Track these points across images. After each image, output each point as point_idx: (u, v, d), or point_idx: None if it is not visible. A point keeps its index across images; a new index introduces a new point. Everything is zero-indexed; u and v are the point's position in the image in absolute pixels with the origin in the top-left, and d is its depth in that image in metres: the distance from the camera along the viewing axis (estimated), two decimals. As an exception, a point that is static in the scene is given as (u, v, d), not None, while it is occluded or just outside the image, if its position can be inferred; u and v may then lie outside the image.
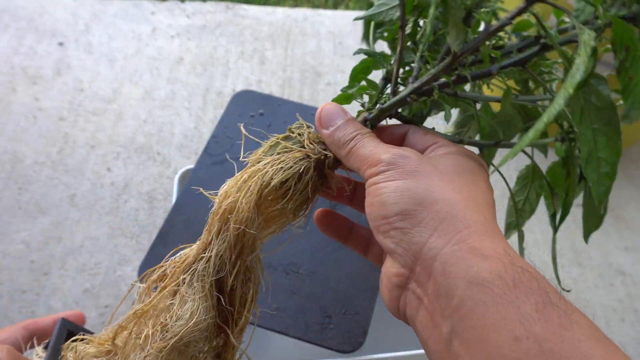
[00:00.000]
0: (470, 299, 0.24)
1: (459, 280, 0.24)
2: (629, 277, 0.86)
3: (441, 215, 0.27)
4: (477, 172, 0.31)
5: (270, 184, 0.32)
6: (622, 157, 1.03)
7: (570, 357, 0.21)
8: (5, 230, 0.83)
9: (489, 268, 0.24)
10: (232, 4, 1.24)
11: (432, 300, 0.26)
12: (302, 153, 0.33)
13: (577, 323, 0.23)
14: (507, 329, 0.22)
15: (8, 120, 0.97)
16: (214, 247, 0.32)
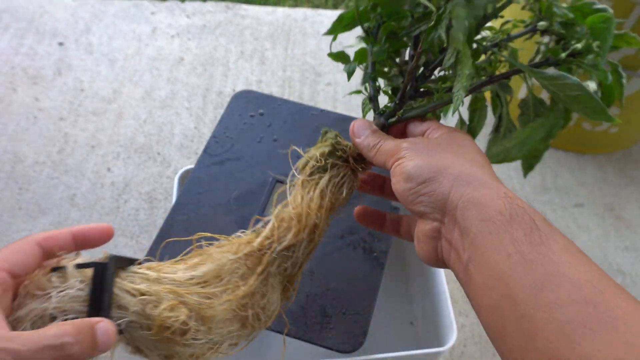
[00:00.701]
0: (480, 232, 0.32)
1: (473, 220, 0.33)
2: (629, 277, 0.86)
3: (454, 176, 0.35)
4: (468, 142, 0.40)
5: (340, 199, 0.41)
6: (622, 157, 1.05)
7: (544, 264, 0.29)
8: (6, 230, 0.83)
9: (493, 207, 0.33)
10: (232, 4, 1.24)
11: (457, 240, 0.34)
12: (348, 168, 0.42)
13: (555, 240, 0.31)
14: (503, 249, 0.31)
15: (8, 120, 0.97)
16: (300, 248, 0.39)
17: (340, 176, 0.41)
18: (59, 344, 0.28)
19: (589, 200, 0.95)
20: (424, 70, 0.43)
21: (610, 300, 0.27)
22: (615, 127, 0.95)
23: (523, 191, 0.95)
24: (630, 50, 0.81)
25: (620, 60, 0.83)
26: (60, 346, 0.28)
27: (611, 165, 1.01)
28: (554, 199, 0.95)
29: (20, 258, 0.32)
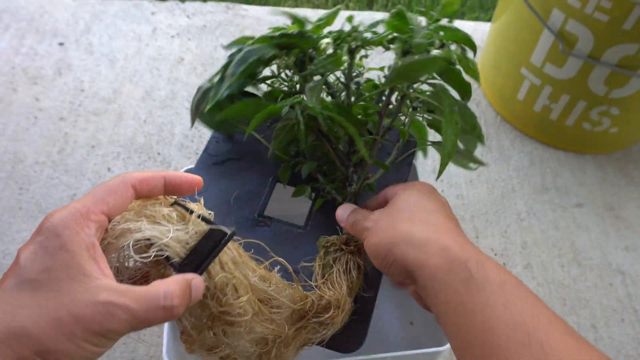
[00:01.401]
0: (432, 289, 0.37)
1: (425, 280, 0.38)
2: (628, 277, 0.86)
3: (405, 244, 0.40)
4: (421, 198, 0.46)
5: (354, 280, 0.47)
6: (622, 157, 1.05)
7: (483, 311, 0.33)
8: (6, 230, 0.83)
9: (434, 265, 0.38)
10: (233, 4, 1.24)
11: (425, 298, 0.40)
12: (346, 252, 0.49)
13: (490, 283, 0.35)
14: (451, 303, 0.36)
15: (8, 121, 0.97)
16: (328, 327, 0.45)
17: (344, 264, 0.47)
18: (169, 306, 0.30)
19: (589, 200, 0.95)
20: (349, 151, 0.55)
21: (542, 338, 0.31)
22: (616, 127, 0.95)
23: (523, 191, 0.95)
24: (630, 50, 0.81)
25: (620, 60, 0.83)
26: (170, 308, 0.30)
27: (611, 165, 1.01)
28: (554, 199, 0.95)
29: (116, 200, 0.33)
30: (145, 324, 0.30)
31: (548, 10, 0.85)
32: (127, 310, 0.29)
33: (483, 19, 1.36)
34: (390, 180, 0.60)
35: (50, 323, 0.28)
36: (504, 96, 1.04)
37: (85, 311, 0.28)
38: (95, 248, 0.30)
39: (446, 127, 0.48)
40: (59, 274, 0.29)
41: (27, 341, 0.27)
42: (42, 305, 0.28)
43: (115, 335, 0.29)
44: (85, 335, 0.28)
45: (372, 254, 0.42)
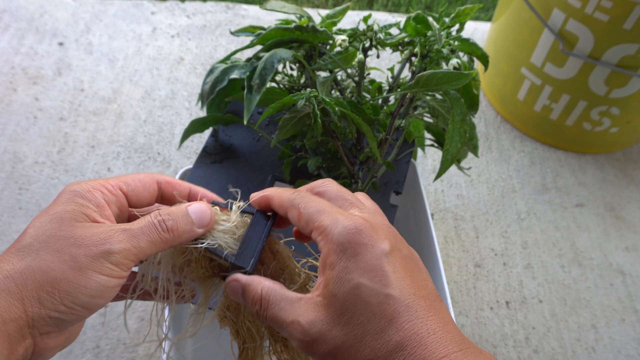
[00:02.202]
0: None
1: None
2: (629, 277, 0.85)
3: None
4: (381, 281, 0.29)
5: None
6: (622, 157, 1.05)
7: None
8: (6, 230, 0.83)
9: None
10: (232, 4, 1.24)
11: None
12: None
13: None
14: None
15: (8, 120, 0.97)
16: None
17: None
18: (160, 220, 0.31)
19: (589, 200, 0.95)
20: (356, 148, 0.55)
21: None
22: (616, 127, 0.95)
23: (523, 191, 0.95)
24: (630, 50, 0.81)
25: (620, 60, 0.83)
26: (161, 222, 0.31)
27: (611, 165, 1.01)
28: (554, 199, 0.95)
29: (137, 186, 0.34)
30: (149, 245, 0.30)
31: (548, 10, 0.85)
32: (122, 231, 0.30)
33: (483, 19, 1.35)
34: (391, 177, 0.60)
35: (52, 255, 0.28)
36: (504, 96, 1.04)
37: (84, 240, 0.29)
38: (105, 209, 0.32)
39: (453, 133, 0.48)
40: (63, 216, 0.30)
41: (29, 274, 0.28)
42: (43, 242, 0.29)
43: (117, 258, 0.29)
44: (86, 260, 0.28)
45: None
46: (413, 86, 0.47)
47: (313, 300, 0.29)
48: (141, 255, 0.30)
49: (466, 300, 0.81)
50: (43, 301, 0.28)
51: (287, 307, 0.30)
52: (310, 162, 0.55)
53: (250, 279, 0.32)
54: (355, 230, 0.29)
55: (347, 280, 0.28)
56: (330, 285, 0.29)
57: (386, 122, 0.56)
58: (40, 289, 0.28)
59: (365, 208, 0.32)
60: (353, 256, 0.29)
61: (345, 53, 0.52)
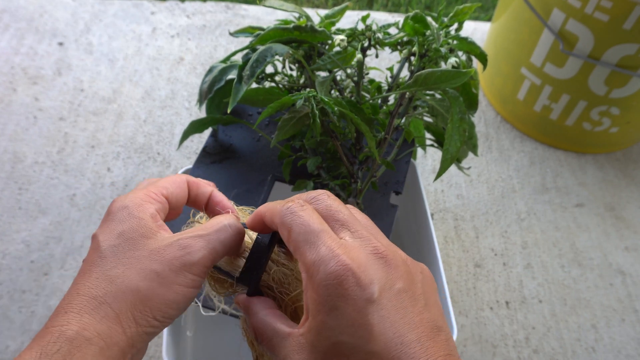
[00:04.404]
0: None
1: None
2: (629, 277, 0.85)
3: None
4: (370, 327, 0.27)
5: None
6: (622, 157, 1.06)
7: None
8: (6, 230, 0.83)
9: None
10: (232, 4, 1.24)
11: None
12: None
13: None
14: None
15: (8, 120, 0.97)
16: None
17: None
18: (231, 223, 0.33)
19: (589, 200, 0.95)
20: (355, 148, 0.55)
21: None
22: (616, 127, 0.95)
23: (523, 191, 0.95)
24: (630, 50, 0.81)
25: (620, 60, 0.83)
26: (233, 225, 0.32)
27: (611, 165, 1.01)
28: (554, 199, 0.95)
29: (174, 188, 0.35)
30: (222, 248, 0.32)
31: (548, 10, 0.85)
32: (198, 238, 0.31)
33: (483, 19, 1.35)
34: (391, 176, 0.60)
35: (137, 274, 0.30)
36: (504, 96, 1.04)
37: (163, 254, 0.30)
38: (158, 218, 0.33)
39: (452, 132, 0.48)
40: (131, 235, 0.31)
41: (121, 296, 0.29)
42: (124, 264, 0.30)
43: (198, 267, 0.30)
44: (171, 275, 0.30)
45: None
46: (411, 85, 0.47)
47: (298, 340, 0.28)
48: (217, 259, 0.32)
49: (466, 300, 0.81)
50: (138, 320, 0.29)
51: (279, 343, 0.30)
52: (310, 162, 0.55)
53: (248, 305, 0.33)
54: (337, 280, 0.26)
55: (326, 336, 0.27)
56: (312, 334, 0.27)
57: (385, 121, 0.56)
58: (134, 309, 0.29)
59: (358, 231, 0.30)
60: (332, 310, 0.26)
61: (344, 53, 0.52)
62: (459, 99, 0.48)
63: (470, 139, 0.54)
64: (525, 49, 0.93)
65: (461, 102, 0.48)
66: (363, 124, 0.48)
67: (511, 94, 1.01)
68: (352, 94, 0.57)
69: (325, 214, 0.30)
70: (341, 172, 0.56)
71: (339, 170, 0.56)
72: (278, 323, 0.30)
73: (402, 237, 0.78)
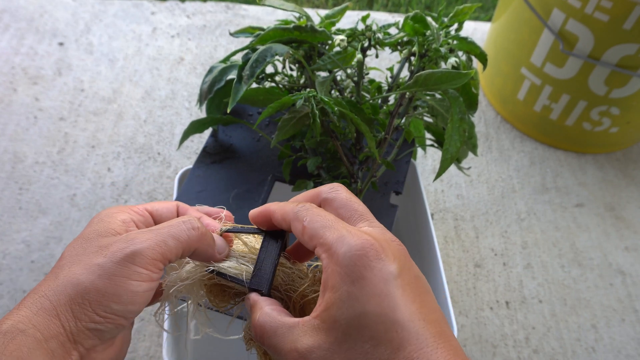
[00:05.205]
0: None
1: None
2: (629, 277, 0.85)
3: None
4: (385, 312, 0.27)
5: None
6: (622, 157, 1.06)
7: None
8: (6, 230, 0.83)
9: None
10: (232, 4, 1.24)
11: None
12: None
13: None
14: None
15: (8, 121, 0.97)
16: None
17: None
18: (188, 220, 0.32)
19: (589, 200, 0.95)
20: (355, 148, 0.55)
21: None
22: (616, 127, 0.95)
23: (523, 191, 0.95)
24: (630, 50, 0.81)
25: (620, 60, 0.83)
26: (189, 222, 0.32)
27: (611, 165, 1.01)
28: (554, 199, 0.95)
29: (162, 209, 0.35)
30: (175, 242, 0.30)
31: (548, 10, 0.85)
32: (147, 232, 0.30)
33: (483, 19, 1.36)
34: (391, 177, 0.60)
35: (81, 268, 0.29)
36: (504, 96, 1.04)
37: (109, 248, 0.29)
38: (129, 224, 0.32)
39: (452, 132, 0.48)
40: (91, 236, 0.31)
41: (61, 289, 0.28)
42: (74, 261, 0.30)
43: (144, 259, 0.29)
44: (112, 267, 0.29)
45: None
46: (412, 85, 0.47)
47: (311, 323, 0.27)
48: (169, 255, 0.30)
49: (466, 300, 0.81)
50: (76, 314, 0.28)
51: (284, 334, 0.28)
52: (310, 162, 0.55)
53: (255, 302, 0.31)
54: (362, 251, 0.27)
55: (351, 305, 0.26)
56: (333, 309, 0.27)
57: (385, 121, 0.56)
58: (72, 302, 0.28)
59: (376, 222, 0.31)
60: (358, 280, 0.26)
61: (344, 53, 0.52)
62: (459, 99, 0.48)
63: (470, 139, 0.54)
64: (525, 49, 0.93)
65: (461, 102, 0.48)
66: (363, 124, 0.48)
67: (511, 94, 1.01)
68: (352, 94, 0.57)
69: (345, 203, 0.31)
70: (341, 172, 0.56)
71: (339, 170, 0.56)
72: (284, 316, 0.30)
73: (402, 237, 0.78)
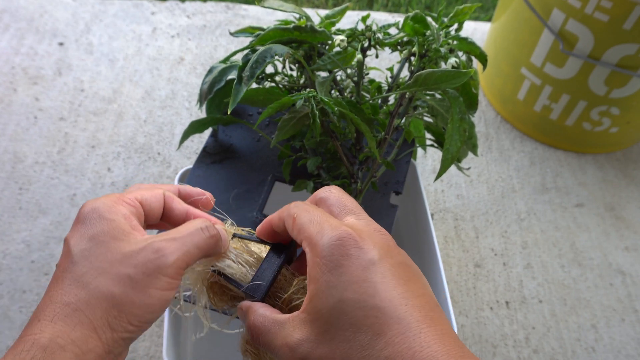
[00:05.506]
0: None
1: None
2: (629, 277, 0.85)
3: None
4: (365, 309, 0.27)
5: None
6: (622, 157, 1.06)
7: None
8: (6, 230, 0.83)
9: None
10: (232, 4, 1.24)
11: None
12: None
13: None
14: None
15: (9, 121, 0.97)
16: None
17: None
18: (208, 226, 0.33)
19: (589, 200, 0.95)
20: (355, 148, 0.55)
21: None
22: (616, 127, 0.95)
23: (523, 191, 0.95)
24: (630, 50, 0.81)
25: (620, 60, 0.83)
26: (208, 229, 0.32)
27: (611, 165, 1.01)
28: (554, 199, 0.95)
29: (150, 198, 0.35)
30: (197, 250, 0.31)
31: (548, 10, 0.85)
32: (172, 240, 0.31)
33: (483, 19, 1.36)
34: (391, 177, 0.60)
35: (111, 279, 0.29)
36: (504, 96, 1.04)
37: (136, 257, 0.30)
38: (131, 219, 0.32)
39: (452, 132, 0.48)
40: (103, 238, 0.30)
41: (95, 303, 0.29)
42: (96, 268, 0.30)
43: (172, 270, 0.30)
44: (144, 279, 0.29)
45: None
46: (411, 85, 0.47)
47: (299, 318, 0.28)
48: (191, 262, 0.31)
49: (466, 300, 0.81)
50: (113, 326, 0.29)
51: (277, 331, 0.29)
52: (310, 162, 0.55)
53: (249, 307, 0.32)
54: (340, 241, 0.27)
55: (330, 294, 0.26)
56: (315, 300, 0.27)
57: (385, 121, 0.56)
58: (109, 315, 0.29)
59: (363, 215, 0.31)
60: (336, 268, 0.27)
61: (344, 53, 0.52)
62: (459, 99, 0.48)
63: (470, 139, 0.54)
64: (525, 49, 0.93)
65: (461, 102, 0.48)
66: (363, 124, 0.48)
67: (511, 94, 1.01)
68: (352, 94, 0.57)
69: (336, 201, 0.32)
70: (341, 172, 0.56)
71: (339, 171, 0.56)
72: (276, 314, 0.30)
73: (402, 237, 0.78)
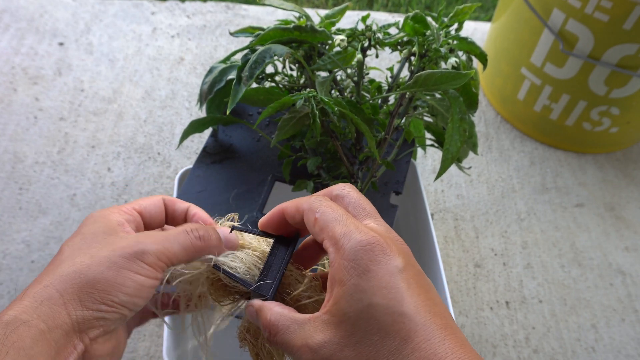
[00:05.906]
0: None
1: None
2: (629, 277, 0.85)
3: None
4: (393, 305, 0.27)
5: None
6: (622, 157, 1.06)
7: None
8: (6, 230, 0.83)
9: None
10: (232, 4, 1.24)
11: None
12: None
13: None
14: None
15: (9, 121, 0.97)
16: None
17: None
18: (192, 229, 0.33)
19: (589, 200, 0.95)
20: (355, 148, 0.55)
21: None
22: (616, 127, 0.95)
23: (523, 191, 0.95)
24: (630, 50, 0.81)
25: (620, 60, 0.83)
26: (193, 232, 0.33)
27: (611, 165, 1.01)
28: (554, 199, 0.95)
29: (150, 206, 0.36)
30: (180, 249, 0.32)
31: (548, 10, 0.85)
32: (155, 235, 0.31)
33: (483, 19, 1.36)
34: (391, 177, 0.60)
35: (88, 259, 0.30)
36: (504, 96, 1.04)
37: (117, 243, 0.30)
38: (124, 225, 0.33)
39: (453, 132, 0.48)
40: (93, 232, 0.32)
41: (67, 279, 0.29)
42: (78, 254, 0.30)
43: (150, 258, 0.30)
44: (120, 260, 0.29)
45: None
46: (411, 86, 0.47)
47: (321, 319, 0.28)
48: (174, 259, 0.31)
49: (466, 300, 0.81)
50: (84, 302, 0.28)
51: (296, 331, 0.29)
52: (310, 162, 0.55)
53: (262, 305, 0.32)
54: (369, 246, 0.28)
55: (358, 298, 0.27)
56: (341, 303, 0.27)
57: (385, 121, 0.56)
58: (81, 291, 0.28)
59: (381, 220, 0.32)
60: (365, 273, 0.27)
61: (344, 53, 0.52)
62: (459, 99, 0.48)
63: (470, 138, 0.54)
64: (525, 49, 0.93)
65: (461, 102, 0.48)
66: (363, 124, 0.48)
67: (511, 94, 1.01)
68: (352, 94, 0.57)
69: (354, 201, 0.32)
70: (341, 172, 0.56)
71: (339, 171, 0.56)
72: (295, 313, 0.30)
73: (402, 237, 0.78)
